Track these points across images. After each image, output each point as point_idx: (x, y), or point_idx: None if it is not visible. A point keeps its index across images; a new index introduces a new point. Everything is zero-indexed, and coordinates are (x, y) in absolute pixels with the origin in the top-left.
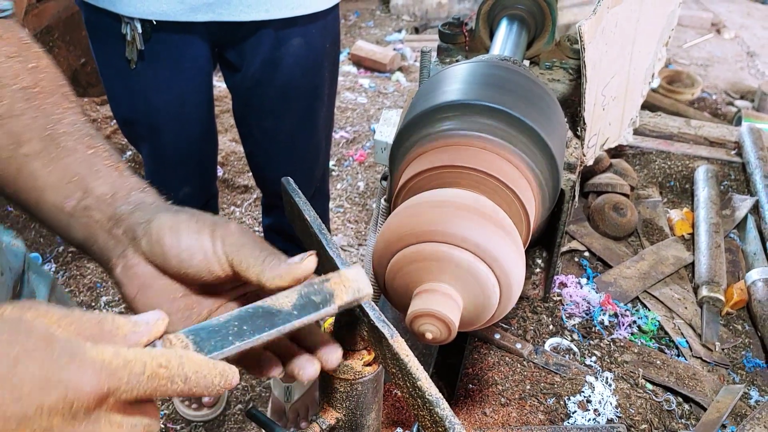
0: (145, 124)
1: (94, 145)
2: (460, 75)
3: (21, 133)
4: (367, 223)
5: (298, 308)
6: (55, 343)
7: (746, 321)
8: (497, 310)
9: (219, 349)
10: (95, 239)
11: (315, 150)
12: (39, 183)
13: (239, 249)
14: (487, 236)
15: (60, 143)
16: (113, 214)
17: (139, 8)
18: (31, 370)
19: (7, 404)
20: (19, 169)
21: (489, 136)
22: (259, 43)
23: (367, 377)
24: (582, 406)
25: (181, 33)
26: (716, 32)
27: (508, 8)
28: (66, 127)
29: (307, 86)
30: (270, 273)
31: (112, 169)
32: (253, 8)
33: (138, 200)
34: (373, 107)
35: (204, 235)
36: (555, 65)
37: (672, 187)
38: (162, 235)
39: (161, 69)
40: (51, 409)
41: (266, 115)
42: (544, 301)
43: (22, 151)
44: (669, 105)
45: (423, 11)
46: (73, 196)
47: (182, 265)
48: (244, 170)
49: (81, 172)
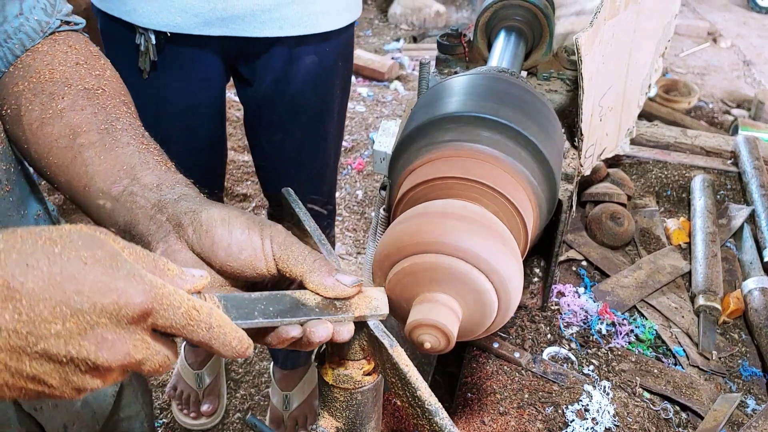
0: (154, 134)
1: (147, 143)
2: (458, 87)
3: (80, 125)
4: (366, 231)
5: (320, 307)
6: (118, 259)
7: (743, 330)
8: (495, 320)
9: (243, 319)
10: (137, 223)
11: (323, 166)
12: (90, 169)
13: (287, 248)
14: (485, 247)
15: (115, 136)
16: (158, 201)
17: (154, 20)
18: (95, 273)
19: (69, 296)
20: (74, 158)
21: (487, 147)
22: (272, 60)
23: (367, 386)
24: (580, 415)
25: (194, 46)
26: (713, 41)
27: (505, 20)
28: (123, 125)
29: (317, 103)
30: (317, 278)
31: (162, 163)
32: (267, 25)
33: (183, 192)
34: (372, 116)
35: (254, 231)
36: (552, 76)
37: (669, 197)
38: (212, 227)
39: (173, 80)
40: (102, 309)
41: (276, 130)
42: (542, 310)
43: (78, 141)
44: (666, 114)
45: (421, 20)
46: (120, 182)
47: (229, 258)
48: (243, 178)
49: (131, 162)
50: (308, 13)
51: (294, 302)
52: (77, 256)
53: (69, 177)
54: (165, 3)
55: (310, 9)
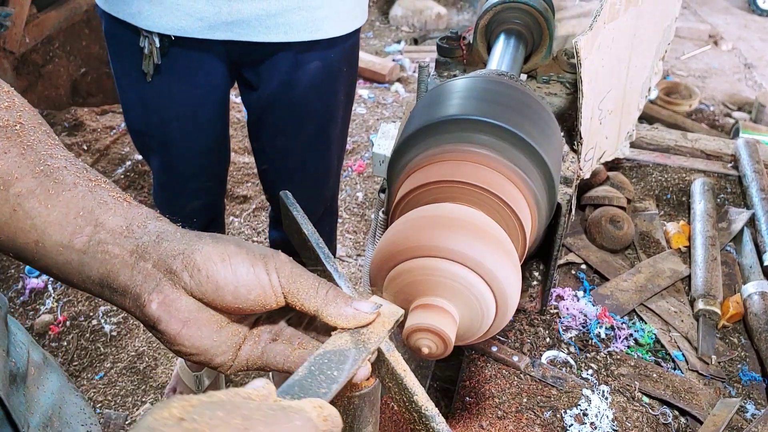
0: (157, 137)
1: (95, 178)
2: (457, 90)
3: (9, 172)
4: (366, 233)
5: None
6: None
7: (742, 334)
8: (493, 324)
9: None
10: (116, 275)
11: (326, 171)
12: (38, 222)
13: (295, 281)
14: (483, 251)
15: (57, 178)
16: (135, 247)
17: (159, 23)
18: None
19: None
20: (13, 211)
21: (485, 151)
22: (277, 65)
23: (365, 391)
24: (578, 420)
25: (198, 50)
26: (714, 44)
27: (505, 23)
28: (60, 161)
29: (321, 109)
30: (334, 311)
31: (120, 200)
32: (272, 30)
33: (158, 229)
34: (372, 117)
35: (259, 268)
36: (552, 79)
37: (669, 200)
38: (213, 270)
39: (176, 83)
40: None
41: (279, 135)
42: (541, 314)
43: (13, 191)
44: (667, 116)
45: (422, 22)
46: (82, 231)
47: (238, 300)
48: (243, 180)
49: (87, 206)
50: (314, 18)
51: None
52: None
53: (11, 234)
54: (170, 6)
55: (315, 15)
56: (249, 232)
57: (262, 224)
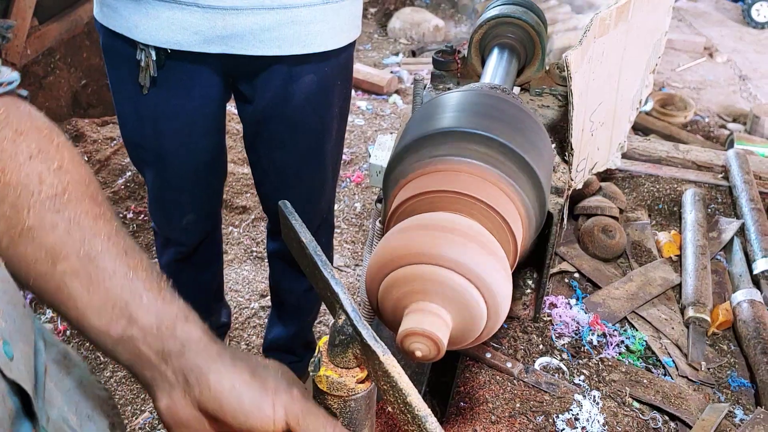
0: (152, 150)
1: (133, 264)
2: (451, 103)
3: (56, 248)
4: (364, 243)
5: None
6: None
7: (731, 341)
8: (485, 329)
9: None
10: (141, 368)
11: (322, 183)
12: (80, 304)
13: (305, 418)
14: (475, 258)
15: (98, 264)
16: (161, 349)
17: (155, 36)
18: None
19: None
20: (58, 287)
21: (477, 162)
22: (271, 78)
23: (360, 394)
24: (570, 424)
25: (194, 63)
26: (709, 56)
27: (499, 37)
28: (102, 243)
29: (316, 122)
30: None
31: (155, 293)
32: (266, 44)
33: (184, 336)
34: (371, 129)
35: (266, 402)
36: (545, 92)
37: (660, 210)
38: (221, 396)
39: (172, 96)
40: None
41: (274, 147)
42: (535, 321)
43: (60, 268)
44: (662, 128)
45: (420, 35)
46: (117, 323)
47: (236, 421)
48: (242, 191)
49: (124, 298)
50: (307, 32)
51: None
52: None
53: (56, 304)
54: (166, 20)
55: (309, 29)
56: (248, 242)
57: (261, 234)
